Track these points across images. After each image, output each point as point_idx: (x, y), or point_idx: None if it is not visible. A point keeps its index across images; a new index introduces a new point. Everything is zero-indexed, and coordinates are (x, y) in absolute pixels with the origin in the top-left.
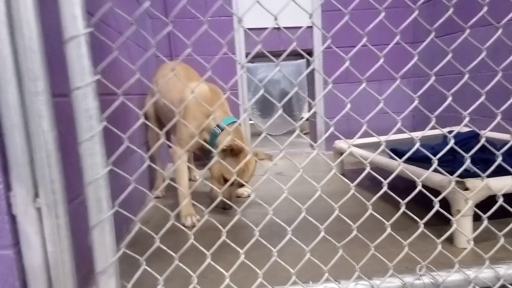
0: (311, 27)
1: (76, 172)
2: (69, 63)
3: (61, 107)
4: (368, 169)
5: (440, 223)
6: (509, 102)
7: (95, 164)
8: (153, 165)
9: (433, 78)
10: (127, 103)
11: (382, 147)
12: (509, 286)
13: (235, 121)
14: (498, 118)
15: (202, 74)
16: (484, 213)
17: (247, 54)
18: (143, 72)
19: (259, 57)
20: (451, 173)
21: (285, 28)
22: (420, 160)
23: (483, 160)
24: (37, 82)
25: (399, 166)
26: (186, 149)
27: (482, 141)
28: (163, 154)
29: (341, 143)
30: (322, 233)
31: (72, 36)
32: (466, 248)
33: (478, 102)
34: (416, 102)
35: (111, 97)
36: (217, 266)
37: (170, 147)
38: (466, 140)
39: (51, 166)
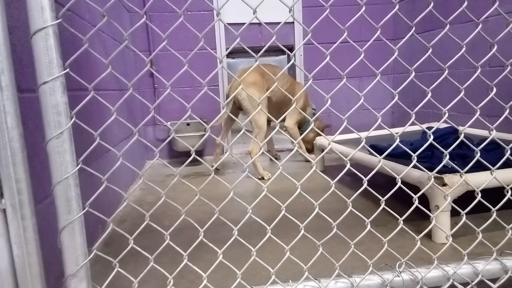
0: (292, 23)
1: (47, 170)
2: (36, 56)
3: (30, 103)
4: (348, 166)
5: (419, 218)
6: (487, 99)
7: (64, 163)
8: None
9: (413, 73)
10: (98, 98)
11: (362, 144)
12: (487, 281)
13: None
14: (477, 114)
15: (180, 68)
16: (462, 207)
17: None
18: (120, 67)
19: (240, 52)
20: (430, 169)
21: (267, 23)
22: (399, 156)
23: (461, 155)
24: (0, 77)
25: (379, 163)
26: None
27: (461, 137)
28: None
29: (321, 140)
30: (302, 231)
31: (39, 27)
32: (444, 244)
33: (457, 98)
34: (396, 98)
35: (84, 93)
36: (194, 267)
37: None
38: (444, 136)
39: (16, 164)
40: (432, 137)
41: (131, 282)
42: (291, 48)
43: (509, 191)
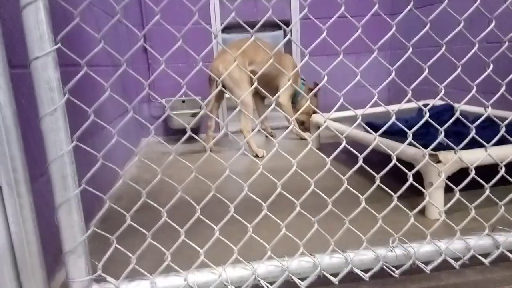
0: None
1: (42, 148)
2: (26, 31)
3: (23, 79)
4: (343, 144)
5: (412, 194)
6: (484, 75)
7: (58, 140)
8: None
9: (410, 50)
10: (91, 74)
11: (358, 122)
12: (479, 256)
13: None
14: (473, 91)
15: (175, 43)
16: (455, 183)
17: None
18: (113, 42)
19: (235, 27)
20: (424, 146)
21: None
22: (394, 134)
23: (456, 133)
24: None
25: (375, 140)
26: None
27: (457, 114)
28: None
29: (317, 117)
30: (298, 208)
31: (29, 1)
32: (437, 219)
33: (454, 75)
34: (393, 75)
35: (77, 69)
36: (191, 243)
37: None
38: (440, 113)
39: (10, 142)
40: (427, 114)
41: (129, 258)
42: (287, 23)
43: (503, 168)
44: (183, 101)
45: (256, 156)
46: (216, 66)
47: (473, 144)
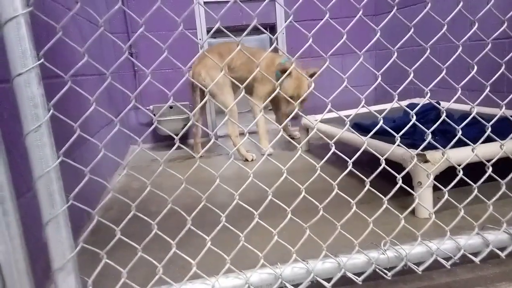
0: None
1: (27, 162)
2: (8, 47)
3: (5, 93)
4: (333, 150)
5: (402, 194)
6: (468, 77)
7: (44, 156)
8: (203, 128)
9: (395, 54)
10: (76, 88)
11: (346, 127)
12: (469, 256)
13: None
14: (459, 93)
15: (161, 50)
16: (443, 181)
17: (208, 30)
18: (98, 51)
19: (221, 32)
20: (412, 145)
21: (246, 1)
22: (382, 134)
23: (442, 131)
24: None
25: (364, 144)
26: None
27: (443, 116)
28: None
29: (307, 120)
30: (289, 215)
31: (10, 16)
32: (427, 218)
33: (439, 78)
34: (379, 80)
35: (62, 80)
36: (183, 255)
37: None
38: (426, 112)
39: None
40: (414, 117)
41: (119, 271)
42: (273, 27)
43: (490, 168)
44: (171, 107)
45: (246, 160)
46: (198, 72)
47: (460, 143)
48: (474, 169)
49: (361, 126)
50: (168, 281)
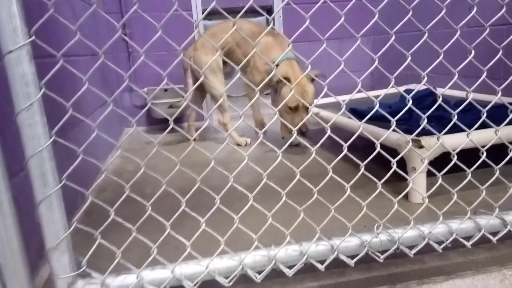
0: None
1: (19, 142)
2: None
3: None
4: (328, 133)
5: (396, 179)
6: (466, 62)
7: (36, 136)
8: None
9: (393, 37)
10: (68, 66)
11: (342, 111)
12: (461, 239)
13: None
14: (455, 77)
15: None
16: (437, 167)
17: (204, 11)
18: (91, 30)
19: (217, 13)
20: (407, 131)
21: None
22: (378, 119)
23: (437, 117)
24: None
25: (360, 128)
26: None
27: (439, 101)
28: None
29: None
30: (284, 198)
31: None
32: (420, 203)
33: (436, 62)
34: (376, 63)
35: (55, 60)
36: (177, 236)
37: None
38: (422, 98)
39: None
40: (410, 102)
41: (113, 252)
42: (270, 9)
43: (484, 153)
44: (166, 90)
45: (239, 145)
46: (188, 54)
47: (455, 128)
48: (468, 157)
49: (357, 111)
50: (162, 262)
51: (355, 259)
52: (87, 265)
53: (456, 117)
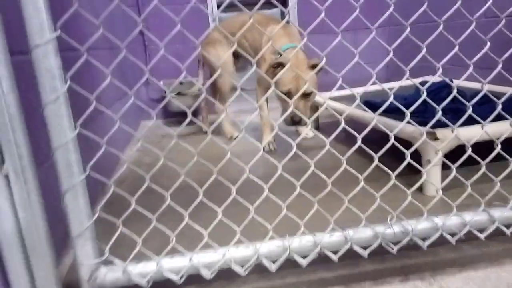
0: None
1: (43, 134)
2: (26, 18)
3: (21, 65)
4: (342, 125)
5: (410, 172)
6: (481, 53)
7: (62, 127)
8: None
9: (408, 29)
10: (92, 61)
11: (356, 102)
12: (475, 232)
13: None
14: (470, 69)
15: (171, 23)
16: (452, 160)
17: (219, 5)
18: (108, 24)
19: (233, 7)
20: (422, 123)
21: None
22: (392, 112)
23: (453, 110)
24: None
25: (374, 120)
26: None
27: (454, 92)
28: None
29: (317, 97)
30: (298, 189)
31: None
32: (434, 196)
33: (451, 53)
34: (391, 55)
35: (75, 54)
36: (195, 225)
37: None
38: (438, 90)
39: (15, 130)
40: (425, 93)
41: (134, 240)
42: (285, 1)
43: (499, 145)
44: (181, 83)
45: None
46: (202, 48)
47: (471, 121)
48: (482, 149)
49: (372, 104)
50: (181, 250)
51: (368, 250)
52: (109, 253)
53: (471, 109)
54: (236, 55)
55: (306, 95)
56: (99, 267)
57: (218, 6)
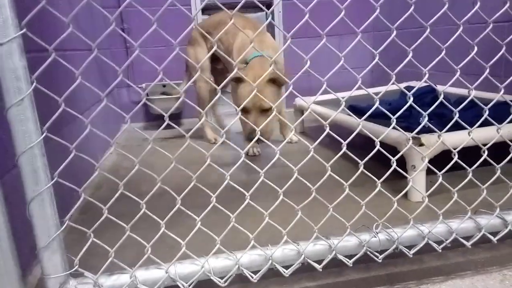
0: None
1: (11, 138)
2: None
3: None
4: (327, 131)
5: (395, 177)
6: (468, 58)
7: (27, 132)
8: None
9: (394, 32)
10: (60, 60)
11: (342, 107)
12: (461, 239)
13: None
14: (457, 74)
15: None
16: (437, 165)
17: (204, 7)
18: (88, 24)
19: (215, 8)
20: (407, 129)
21: None
22: (377, 116)
23: (438, 115)
24: None
25: (359, 126)
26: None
27: (440, 98)
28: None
29: (301, 101)
30: (281, 197)
31: None
32: (420, 202)
33: (438, 58)
34: (376, 59)
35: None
36: (172, 235)
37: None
38: (422, 95)
39: None
40: (411, 98)
41: (108, 251)
42: (269, 4)
43: (486, 152)
44: (164, 85)
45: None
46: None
47: (456, 126)
48: (468, 154)
49: (357, 109)
50: (156, 261)
51: (353, 259)
52: (80, 264)
53: (457, 114)
54: (214, 58)
55: (264, 111)
56: (68, 280)
57: (204, 10)
